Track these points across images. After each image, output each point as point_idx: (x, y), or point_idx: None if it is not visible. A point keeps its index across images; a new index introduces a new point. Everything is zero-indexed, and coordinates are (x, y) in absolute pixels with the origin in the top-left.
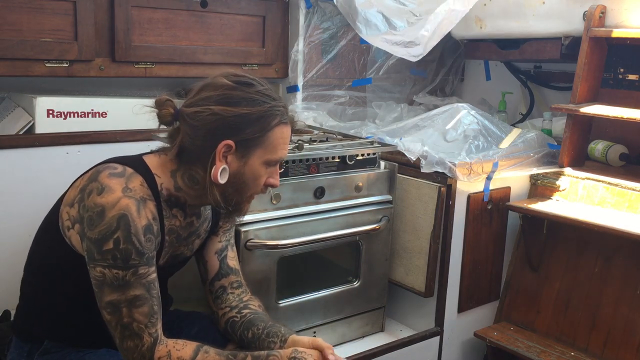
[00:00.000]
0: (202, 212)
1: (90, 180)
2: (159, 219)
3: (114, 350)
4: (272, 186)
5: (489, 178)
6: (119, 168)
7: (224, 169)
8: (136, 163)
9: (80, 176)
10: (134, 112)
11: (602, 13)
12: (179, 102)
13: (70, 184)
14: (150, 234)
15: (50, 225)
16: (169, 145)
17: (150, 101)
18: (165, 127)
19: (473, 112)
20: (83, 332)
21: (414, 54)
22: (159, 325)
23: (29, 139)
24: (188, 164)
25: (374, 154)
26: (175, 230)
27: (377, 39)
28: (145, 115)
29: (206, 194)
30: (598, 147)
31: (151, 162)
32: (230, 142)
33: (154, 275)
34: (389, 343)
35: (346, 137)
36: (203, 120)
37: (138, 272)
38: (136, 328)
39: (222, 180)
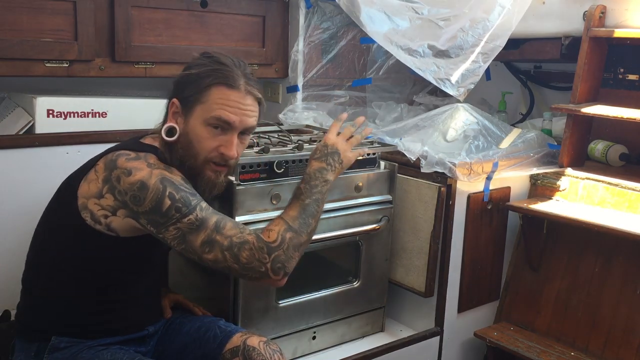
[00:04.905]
0: None
1: (110, 169)
2: None
3: (125, 347)
4: (225, 156)
5: (489, 178)
6: (132, 154)
7: (169, 127)
8: (142, 146)
9: (89, 169)
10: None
11: (602, 13)
12: None
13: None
14: (188, 184)
15: (64, 217)
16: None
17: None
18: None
19: (473, 112)
20: (92, 322)
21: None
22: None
23: (29, 139)
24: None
25: (374, 154)
26: None
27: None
28: (146, 115)
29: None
30: (598, 147)
31: (150, 142)
32: (174, 99)
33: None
34: (389, 343)
35: None
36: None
37: (202, 206)
38: (237, 239)
39: (167, 137)
